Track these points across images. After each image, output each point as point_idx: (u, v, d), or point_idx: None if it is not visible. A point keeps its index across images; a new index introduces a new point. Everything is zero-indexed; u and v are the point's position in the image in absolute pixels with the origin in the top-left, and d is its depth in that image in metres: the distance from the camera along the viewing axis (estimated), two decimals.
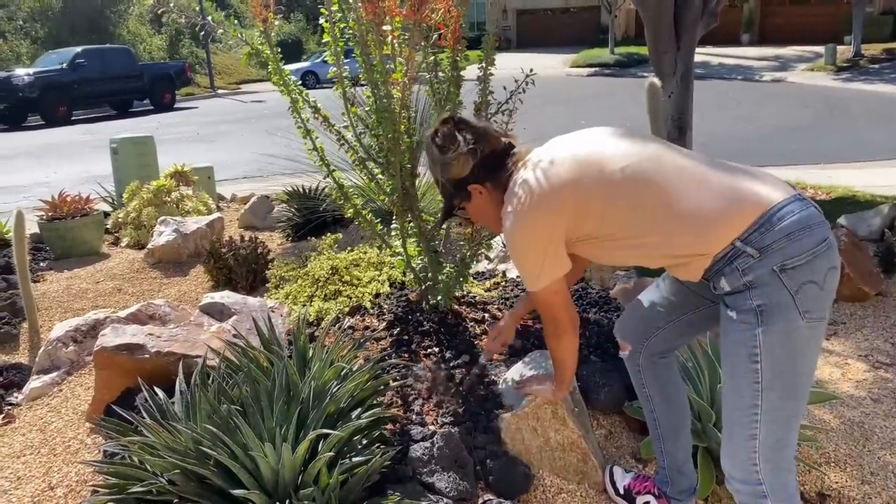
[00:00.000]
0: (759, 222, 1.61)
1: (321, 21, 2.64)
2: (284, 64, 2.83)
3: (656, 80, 3.73)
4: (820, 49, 24.12)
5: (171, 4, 2.82)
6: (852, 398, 2.99)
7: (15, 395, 3.10)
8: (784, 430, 1.69)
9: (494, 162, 1.90)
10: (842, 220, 4.98)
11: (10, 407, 2.97)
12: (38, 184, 9.52)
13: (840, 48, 23.81)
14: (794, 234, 1.59)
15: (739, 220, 1.63)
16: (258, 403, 1.95)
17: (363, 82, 2.74)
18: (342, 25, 2.64)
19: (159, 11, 2.81)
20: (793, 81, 20.95)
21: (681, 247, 1.70)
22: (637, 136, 1.84)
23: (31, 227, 4.86)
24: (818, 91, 18.12)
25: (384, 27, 2.42)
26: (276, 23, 2.74)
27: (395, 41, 2.53)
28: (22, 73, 19.49)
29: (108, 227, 5.82)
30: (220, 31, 2.81)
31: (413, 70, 2.45)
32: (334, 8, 2.62)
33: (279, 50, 2.77)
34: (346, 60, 2.77)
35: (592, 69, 25.96)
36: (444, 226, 2.95)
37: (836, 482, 2.44)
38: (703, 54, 23.50)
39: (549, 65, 25.78)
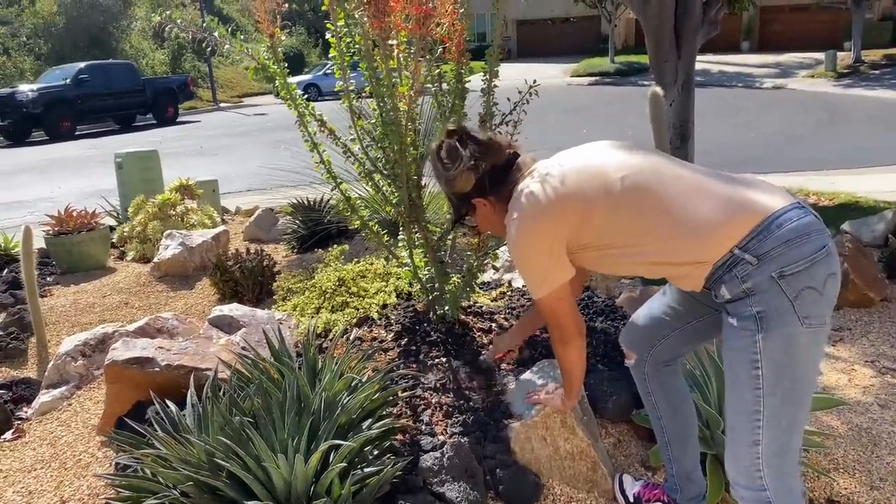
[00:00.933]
0: (757, 230, 1.63)
1: (327, 36, 2.67)
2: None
3: (658, 89, 3.76)
4: (820, 56, 24.23)
5: (179, 21, 2.85)
6: (859, 404, 2.99)
7: (24, 409, 3.11)
8: (787, 435, 1.70)
9: (497, 175, 1.93)
10: (846, 227, 4.99)
11: (19, 421, 2.99)
12: (43, 199, 9.57)
13: (840, 54, 23.90)
14: (792, 241, 1.61)
15: (738, 227, 1.65)
16: (270, 415, 1.96)
17: (366, 95, 2.76)
18: (348, 40, 2.67)
19: (166, 27, 2.83)
20: (793, 88, 21.00)
21: (680, 255, 1.72)
22: (638, 148, 1.88)
23: (38, 243, 4.89)
24: (819, 97, 18.15)
25: (390, 41, 2.45)
26: (283, 38, 2.77)
27: (400, 55, 2.56)
28: (26, 89, 19.59)
29: (113, 241, 5.84)
30: (227, 45, 2.84)
31: (419, 83, 2.47)
32: (340, 23, 2.65)
33: (286, 64, 2.80)
34: (352, 74, 2.80)
35: (593, 78, 26.08)
36: (450, 236, 2.97)
37: (846, 488, 2.44)
38: (703, 62, 23.56)
39: (550, 74, 25.89)
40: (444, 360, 2.70)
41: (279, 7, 2.70)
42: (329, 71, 26.60)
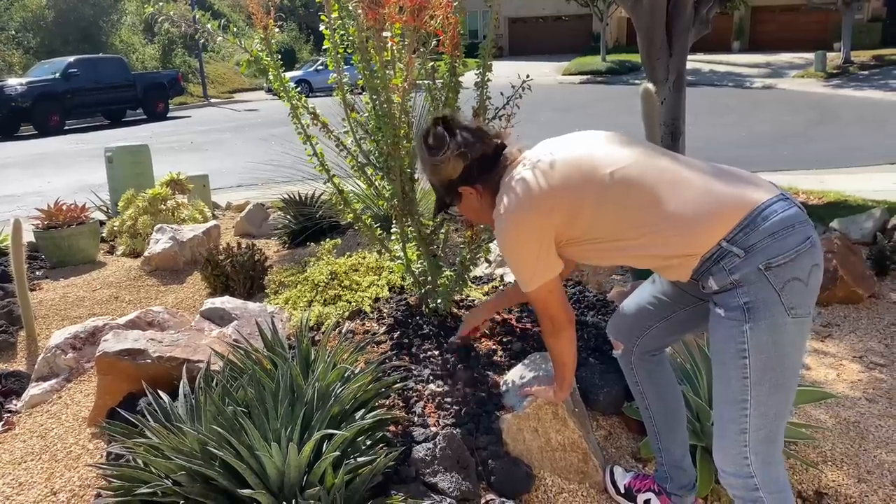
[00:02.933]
0: (744, 222, 1.66)
1: (321, 28, 2.67)
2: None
3: (651, 85, 3.77)
4: (810, 56, 24.37)
5: (172, 13, 2.84)
6: (848, 398, 3.02)
7: (14, 402, 3.09)
8: (774, 423, 1.73)
9: (485, 163, 1.93)
10: (834, 224, 5.03)
11: (9, 414, 2.97)
12: (32, 193, 9.51)
13: (830, 55, 24.04)
14: (778, 233, 1.63)
15: (725, 220, 1.67)
16: (263, 405, 1.96)
17: (360, 90, 2.77)
18: (341, 32, 2.67)
19: (159, 19, 2.83)
20: (783, 88, 21.13)
21: (669, 248, 1.74)
22: (626, 140, 1.89)
23: (27, 237, 4.85)
24: (809, 97, 18.27)
25: (384, 33, 2.45)
26: (276, 30, 2.77)
27: (394, 47, 2.56)
28: (14, 82, 19.43)
29: (103, 235, 5.81)
30: (219, 38, 2.83)
31: (412, 75, 2.48)
32: (334, 15, 2.65)
33: (279, 56, 2.80)
34: (344, 67, 2.80)
35: (584, 77, 26.13)
36: (442, 230, 2.98)
37: (834, 480, 2.46)
38: (694, 61, 23.66)
39: (542, 72, 25.91)
40: (436, 352, 2.70)
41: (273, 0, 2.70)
42: (321, 67, 26.52)
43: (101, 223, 6.01)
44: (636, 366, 2.16)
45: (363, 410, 2.13)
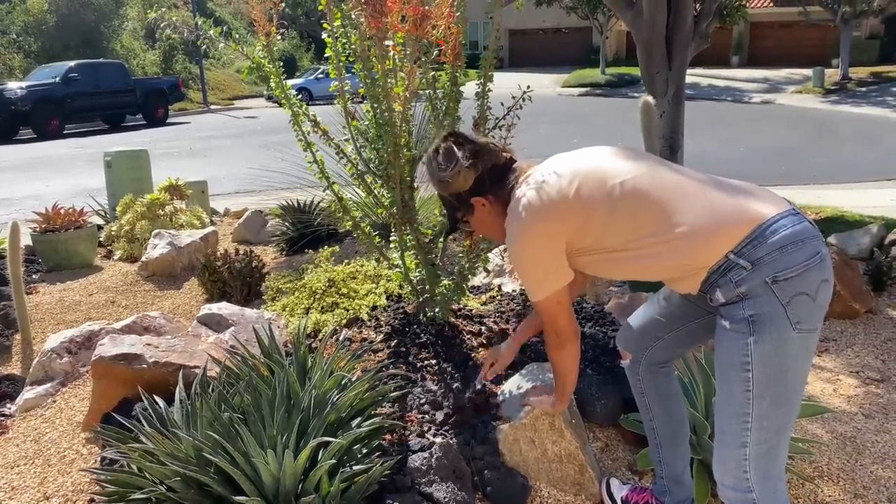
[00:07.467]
0: (752, 236, 1.66)
1: (323, 36, 2.68)
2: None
3: (650, 98, 3.79)
4: (808, 72, 24.48)
5: (173, 19, 2.85)
6: (844, 413, 3.01)
7: (8, 406, 3.08)
8: (775, 437, 1.72)
9: (496, 175, 1.94)
10: (832, 240, 5.03)
11: (3, 418, 2.95)
12: (30, 197, 9.49)
13: (828, 71, 24.16)
14: (786, 247, 1.64)
15: (733, 233, 1.68)
16: (259, 412, 1.96)
17: (360, 99, 2.77)
18: (343, 41, 2.68)
19: (161, 25, 2.83)
20: (782, 103, 21.21)
21: (677, 259, 1.74)
22: (634, 154, 1.89)
23: (24, 240, 4.84)
24: (807, 113, 18.35)
25: (386, 42, 2.46)
26: (278, 38, 2.78)
27: (396, 56, 2.57)
28: (14, 86, 19.41)
29: (101, 240, 5.80)
30: (221, 45, 2.84)
31: (413, 84, 2.48)
32: (337, 24, 2.66)
33: (281, 64, 2.80)
34: (346, 75, 2.81)
35: (584, 89, 26.23)
36: (440, 239, 2.98)
37: (830, 496, 2.46)
38: (693, 76, 23.76)
39: (541, 84, 25.99)
40: (433, 361, 2.70)
41: (276, 7, 2.71)
42: (321, 75, 26.59)
43: (99, 227, 5.99)
44: (643, 377, 2.15)
45: (359, 419, 2.12)
